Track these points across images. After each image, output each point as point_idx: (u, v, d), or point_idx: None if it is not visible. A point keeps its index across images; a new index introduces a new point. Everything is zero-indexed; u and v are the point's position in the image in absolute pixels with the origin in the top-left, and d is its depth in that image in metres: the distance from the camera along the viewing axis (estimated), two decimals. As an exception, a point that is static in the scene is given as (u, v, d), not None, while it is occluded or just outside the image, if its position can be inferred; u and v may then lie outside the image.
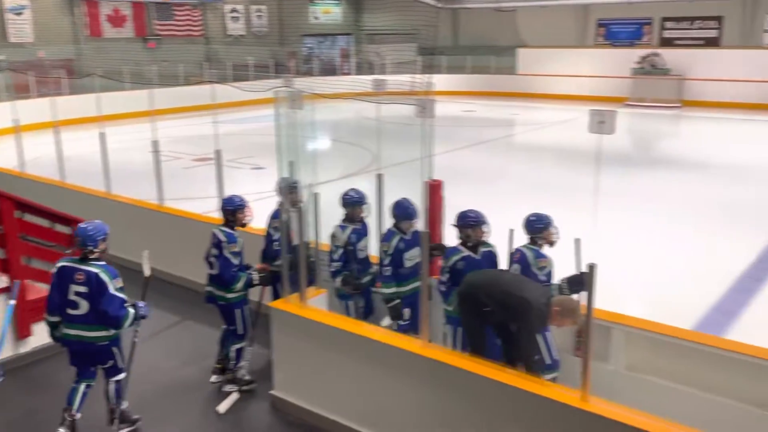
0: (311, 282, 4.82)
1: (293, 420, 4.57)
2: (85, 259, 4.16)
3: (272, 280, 5.09)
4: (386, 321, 4.90)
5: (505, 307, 3.82)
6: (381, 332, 4.31)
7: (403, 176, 5.27)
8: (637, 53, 23.74)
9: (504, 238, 4.51)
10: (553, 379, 4.33)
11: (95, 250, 4.17)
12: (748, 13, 21.76)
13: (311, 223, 4.72)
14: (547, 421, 3.36)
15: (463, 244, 4.53)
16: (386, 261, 4.77)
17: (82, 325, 4.17)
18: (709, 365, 4.08)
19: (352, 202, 5.04)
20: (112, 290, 4.09)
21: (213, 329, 5.46)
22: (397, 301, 4.78)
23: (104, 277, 4.09)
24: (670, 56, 23.00)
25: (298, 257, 4.52)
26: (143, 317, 4.24)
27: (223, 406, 4.75)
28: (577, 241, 4.32)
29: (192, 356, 5.52)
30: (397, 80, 5.23)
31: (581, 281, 4.19)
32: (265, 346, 5.05)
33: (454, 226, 4.56)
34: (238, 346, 5.03)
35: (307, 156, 5.63)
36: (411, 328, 4.72)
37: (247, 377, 5.01)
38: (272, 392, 4.76)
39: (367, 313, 5.12)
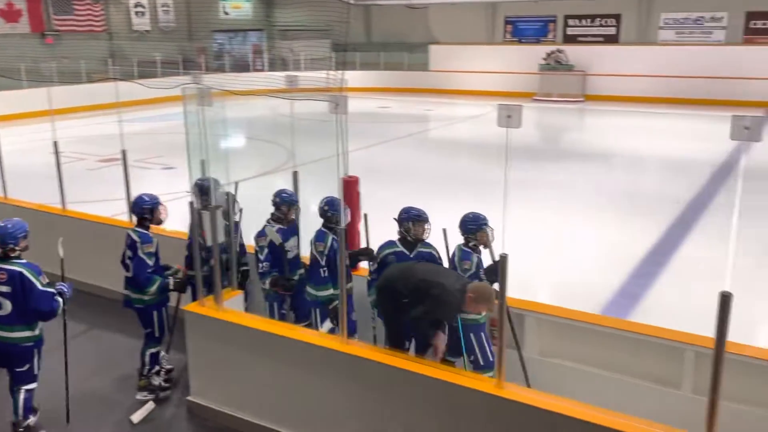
0: (228, 284, 4.72)
1: (212, 425, 4.46)
2: (6, 258, 4.03)
3: (186, 286, 4.94)
4: (326, 325, 4.76)
5: (421, 295, 3.83)
6: (298, 331, 4.27)
7: (320, 173, 5.24)
8: (543, 50, 24.64)
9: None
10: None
11: (16, 248, 4.07)
12: (644, 11, 23.00)
13: (222, 223, 4.60)
14: (464, 408, 3.44)
15: (402, 239, 4.48)
16: (323, 262, 4.65)
17: (4, 326, 4.03)
18: (614, 347, 4.29)
19: (289, 201, 4.89)
20: (40, 287, 4.02)
21: (124, 337, 5.24)
22: (336, 302, 4.58)
23: (29, 275, 4.01)
24: (573, 53, 24.02)
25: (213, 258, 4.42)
26: (69, 298, 4.22)
27: (137, 416, 4.57)
28: (445, 231, 4.46)
29: (101, 366, 5.29)
30: (311, 77, 5.18)
31: (496, 271, 4.31)
32: (182, 352, 4.90)
33: (396, 220, 4.51)
34: (153, 350, 4.86)
35: (221, 154, 5.50)
36: (351, 329, 4.65)
37: (162, 383, 4.85)
38: (189, 398, 4.63)
39: (301, 318, 4.96)
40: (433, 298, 3.79)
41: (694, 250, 8.07)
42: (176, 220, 5.29)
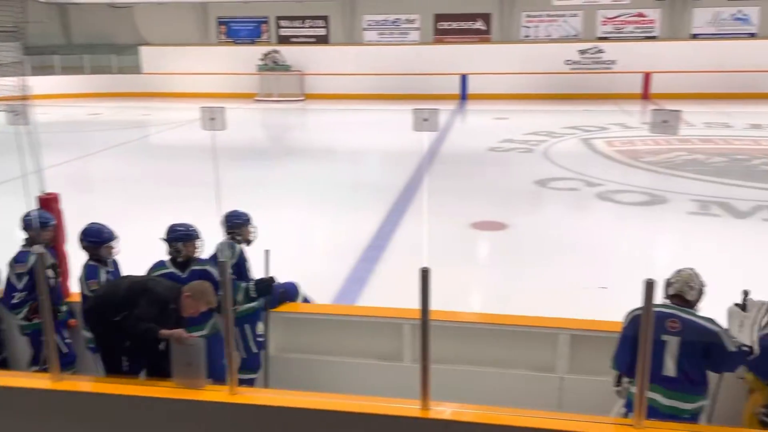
0: None
1: None
2: None
3: None
4: None
5: (131, 304, 3.58)
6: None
7: (13, 193, 4.62)
8: (259, 50, 24.85)
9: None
10: (251, 381, 4.35)
11: None
12: (348, 13, 24.49)
13: None
14: (199, 422, 3.31)
15: (173, 259, 4.15)
16: None
17: None
18: (348, 333, 4.53)
19: (39, 224, 4.31)
20: None
21: None
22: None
23: None
24: (289, 53, 24.65)
25: None
26: None
27: None
28: (267, 252, 4.35)
29: None
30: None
31: (269, 285, 4.32)
32: None
33: (164, 240, 4.15)
34: None
35: None
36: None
37: None
38: None
39: (69, 362, 4.37)
40: (145, 297, 3.59)
41: (407, 231, 8.85)
42: None
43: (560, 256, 7.78)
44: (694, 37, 22.62)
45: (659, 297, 3.57)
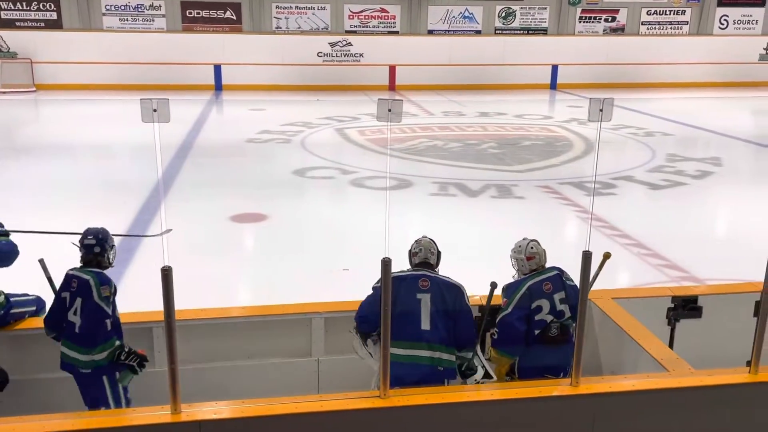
0: None
1: None
2: None
3: None
4: None
5: None
6: None
7: None
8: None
9: None
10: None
11: None
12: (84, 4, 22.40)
13: None
14: None
15: None
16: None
17: None
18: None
19: None
20: None
21: None
22: None
23: None
24: (14, 39, 21.82)
25: None
26: None
27: None
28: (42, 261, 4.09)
29: None
30: None
31: None
32: None
33: None
34: None
35: None
36: None
37: None
38: None
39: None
40: None
41: (162, 229, 8.44)
42: None
43: (317, 243, 8.05)
44: (430, 32, 24.70)
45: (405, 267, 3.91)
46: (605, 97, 3.23)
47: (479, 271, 4.39)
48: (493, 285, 3.99)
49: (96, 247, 3.87)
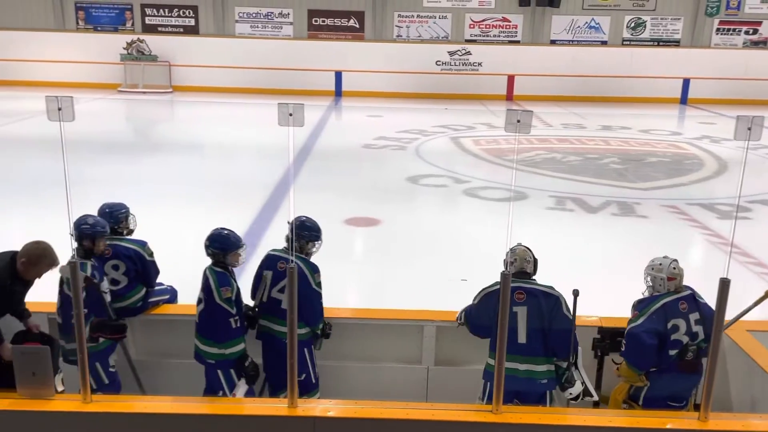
0: None
1: None
2: None
3: None
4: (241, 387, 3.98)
5: None
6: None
7: None
8: (123, 39, 23.52)
9: None
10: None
11: None
12: (219, 4, 23.76)
13: None
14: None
15: None
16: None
17: None
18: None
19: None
20: None
21: None
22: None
23: None
24: (155, 43, 23.52)
25: None
26: None
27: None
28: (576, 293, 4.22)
29: None
30: None
31: None
32: None
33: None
34: None
35: None
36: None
37: None
38: None
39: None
40: None
41: (279, 228, 8.74)
42: None
43: (430, 251, 8.03)
44: (553, 42, 24.12)
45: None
46: (749, 114, 2.99)
47: (596, 289, 4.22)
48: (575, 293, 3.82)
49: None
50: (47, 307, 4.20)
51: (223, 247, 4.11)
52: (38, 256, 3.69)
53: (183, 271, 5.99)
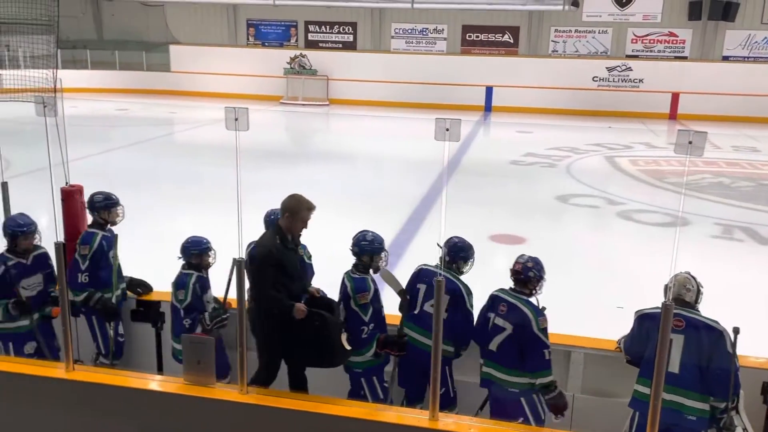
0: None
1: None
2: None
3: None
4: None
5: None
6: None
7: (39, 183, 4.69)
8: (287, 54, 25.06)
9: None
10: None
11: None
12: (377, 21, 24.59)
13: None
14: (209, 420, 3.33)
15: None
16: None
17: None
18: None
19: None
20: None
21: None
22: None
23: None
24: (315, 58, 24.82)
25: None
26: None
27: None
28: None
29: None
30: (19, 75, 4.61)
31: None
32: None
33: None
34: None
35: None
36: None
37: None
38: None
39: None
40: None
41: (424, 240, 8.83)
42: None
43: (577, 273, 7.71)
44: (725, 59, 22.36)
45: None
46: None
47: (764, 330, 3.82)
48: (736, 330, 3.47)
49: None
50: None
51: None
52: (297, 203, 4.17)
53: (332, 276, 6.24)
